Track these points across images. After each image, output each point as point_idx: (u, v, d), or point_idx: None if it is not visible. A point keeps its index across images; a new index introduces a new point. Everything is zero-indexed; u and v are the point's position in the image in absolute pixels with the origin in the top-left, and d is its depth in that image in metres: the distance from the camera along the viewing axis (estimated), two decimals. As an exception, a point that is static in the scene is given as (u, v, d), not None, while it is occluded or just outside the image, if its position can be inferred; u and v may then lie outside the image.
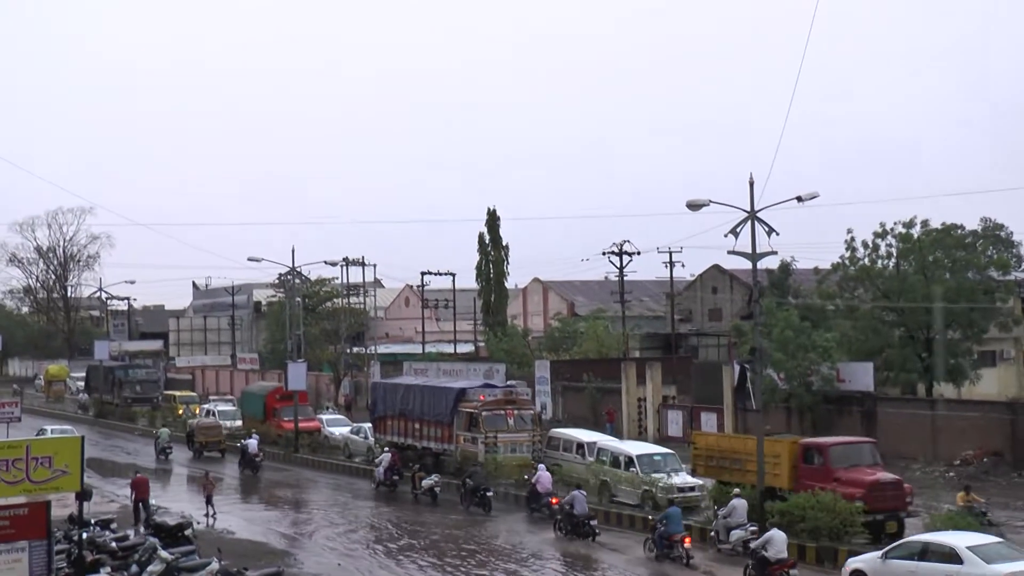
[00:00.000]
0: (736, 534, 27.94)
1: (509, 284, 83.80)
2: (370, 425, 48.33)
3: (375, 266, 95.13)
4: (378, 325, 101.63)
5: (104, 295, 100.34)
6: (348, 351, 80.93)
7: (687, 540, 27.24)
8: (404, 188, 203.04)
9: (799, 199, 30.51)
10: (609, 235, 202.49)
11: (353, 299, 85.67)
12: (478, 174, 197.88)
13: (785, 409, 47.59)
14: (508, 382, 51.34)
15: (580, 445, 38.87)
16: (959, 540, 22.03)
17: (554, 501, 32.74)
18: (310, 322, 76.51)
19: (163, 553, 24.09)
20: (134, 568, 24.47)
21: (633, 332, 76.80)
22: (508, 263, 79.49)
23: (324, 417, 55.24)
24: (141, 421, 67.64)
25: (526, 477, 36.50)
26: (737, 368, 49.01)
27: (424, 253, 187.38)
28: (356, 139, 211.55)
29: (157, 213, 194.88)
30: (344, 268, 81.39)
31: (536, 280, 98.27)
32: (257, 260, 55.75)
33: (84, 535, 24.14)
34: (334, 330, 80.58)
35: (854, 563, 23.45)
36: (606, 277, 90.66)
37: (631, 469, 34.37)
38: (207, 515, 34.43)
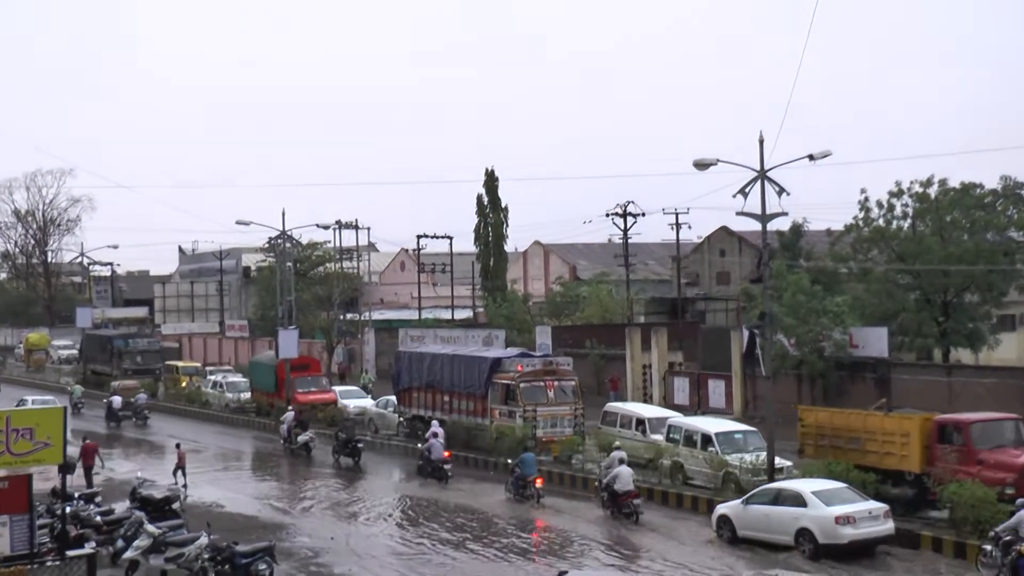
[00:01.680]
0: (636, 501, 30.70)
1: (509, 247, 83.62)
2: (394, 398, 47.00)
3: (369, 229, 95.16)
4: (372, 290, 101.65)
5: (86, 260, 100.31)
6: (341, 317, 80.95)
7: (539, 480, 32.81)
8: (400, 149, 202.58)
9: (811, 157, 30.45)
10: (613, 196, 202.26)
11: (346, 263, 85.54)
12: (476, 133, 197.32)
13: (796, 376, 47.67)
14: (543, 352, 48.84)
15: (640, 421, 37.51)
16: (806, 486, 26.47)
17: (447, 455, 36.91)
18: (301, 287, 76.35)
19: (150, 527, 24.19)
20: (120, 543, 24.59)
21: (638, 297, 76.82)
22: (507, 225, 79.37)
23: (338, 389, 54.02)
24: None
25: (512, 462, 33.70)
26: (746, 334, 49.15)
27: (420, 216, 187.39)
28: (348, 96, 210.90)
29: (141, 176, 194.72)
30: (337, 231, 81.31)
31: (537, 243, 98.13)
32: (246, 223, 55.03)
33: (67, 509, 24.21)
34: (327, 296, 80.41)
35: (721, 509, 27.81)
36: (610, 240, 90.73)
37: (709, 448, 32.26)
38: (176, 485, 34.90)
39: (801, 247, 65.92)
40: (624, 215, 71.19)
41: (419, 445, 39.58)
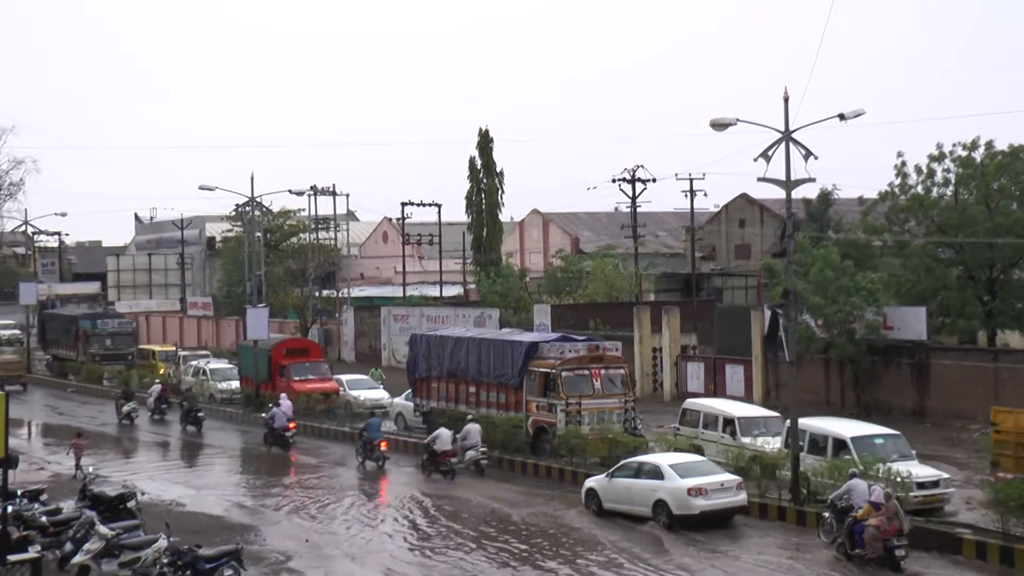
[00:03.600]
0: (470, 454, 36.66)
1: (504, 216, 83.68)
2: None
3: (348, 196, 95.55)
4: (351, 264, 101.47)
5: (30, 229, 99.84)
6: (317, 294, 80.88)
7: (383, 444, 38.09)
8: (383, 105, 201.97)
9: (841, 117, 30.28)
10: (620, 160, 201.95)
11: (322, 234, 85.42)
12: (469, 90, 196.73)
13: (823, 361, 47.69)
14: (590, 337, 44.55)
15: (729, 420, 35.12)
16: (664, 459, 30.10)
17: (292, 426, 42.54)
18: (272, 261, 76.32)
19: (102, 529, 24.12)
20: (68, 546, 24.52)
21: (647, 272, 76.83)
22: (503, 192, 79.35)
23: (344, 378, 52.42)
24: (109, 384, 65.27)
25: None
26: (768, 314, 49.17)
27: (405, 181, 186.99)
28: (325, 45, 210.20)
29: (92, 135, 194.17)
30: (312, 198, 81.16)
31: (535, 212, 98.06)
32: (210, 188, 54.84)
33: (8, 508, 24.12)
34: (300, 270, 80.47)
35: (589, 482, 31.05)
36: (616, 208, 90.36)
37: (844, 457, 29.54)
38: (75, 476, 35.86)
39: (830, 217, 65.94)
40: (632, 181, 70.97)
41: (263, 415, 44.41)
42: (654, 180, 71.80)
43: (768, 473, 30.62)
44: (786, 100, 30.44)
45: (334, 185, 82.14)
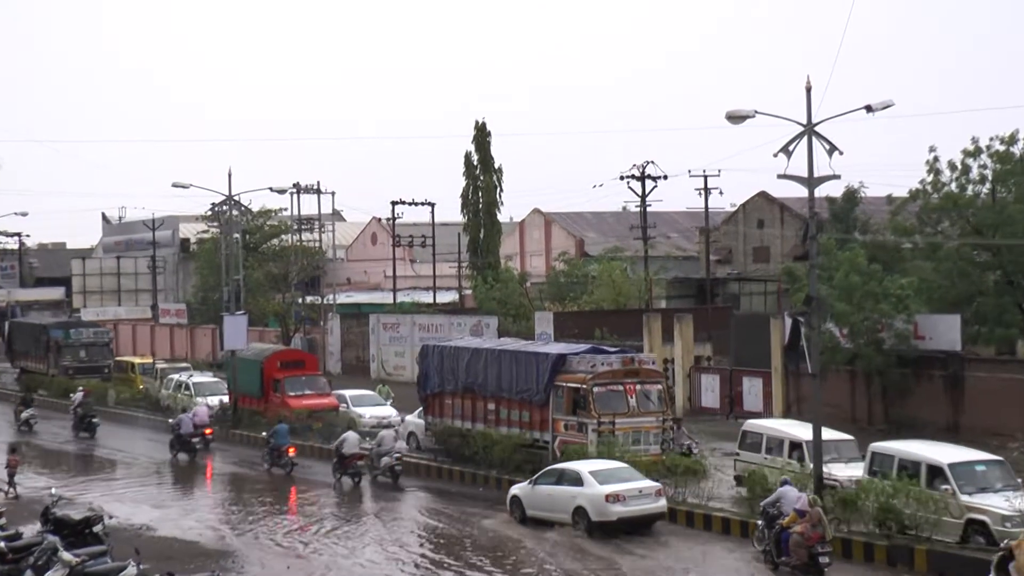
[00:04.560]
0: (385, 460, 39.49)
1: (503, 216, 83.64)
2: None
3: (333, 194, 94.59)
4: (337, 268, 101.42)
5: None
6: (300, 301, 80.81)
7: (291, 450, 41.90)
8: (372, 97, 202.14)
9: (869, 108, 30.31)
10: (629, 155, 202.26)
11: (306, 235, 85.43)
12: (466, 80, 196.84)
13: (848, 374, 47.63)
14: (619, 348, 43.88)
15: (796, 444, 33.84)
16: (584, 466, 32.31)
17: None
18: (252, 264, 76.30)
19: (65, 555, 24.09)
20: (28, 574, 24.48)
21: (658, 276, 76.84)
22: (501, 190, 79.32)
23: (348, 394, 51.73)
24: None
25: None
26: (789, 322, 49.09)
27: (396, 178, 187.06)
28: (309, 33, 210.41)
29: (57, 129, 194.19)
30: (295, 196, 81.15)
31: (536, 211, 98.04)
32: (184, 186, 54.81)
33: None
34: (282, 274, 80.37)
35: (513, 490, 33.65)
36: (624, 207, 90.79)
37: (941, 487, 28.34)
38: (6, 493, 36.82)
39: (856, 217, 65.98)
40: (642, 178, 71.08)
41: (169, 420, 47.86)
42: (665, 177, 71.98)
43: (849, 507, 29.37)
44: (808, 90, 30.48)
45: (319, 183, 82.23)
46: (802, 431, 34.70)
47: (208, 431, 46.96)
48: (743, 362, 53.18)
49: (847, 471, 32.01)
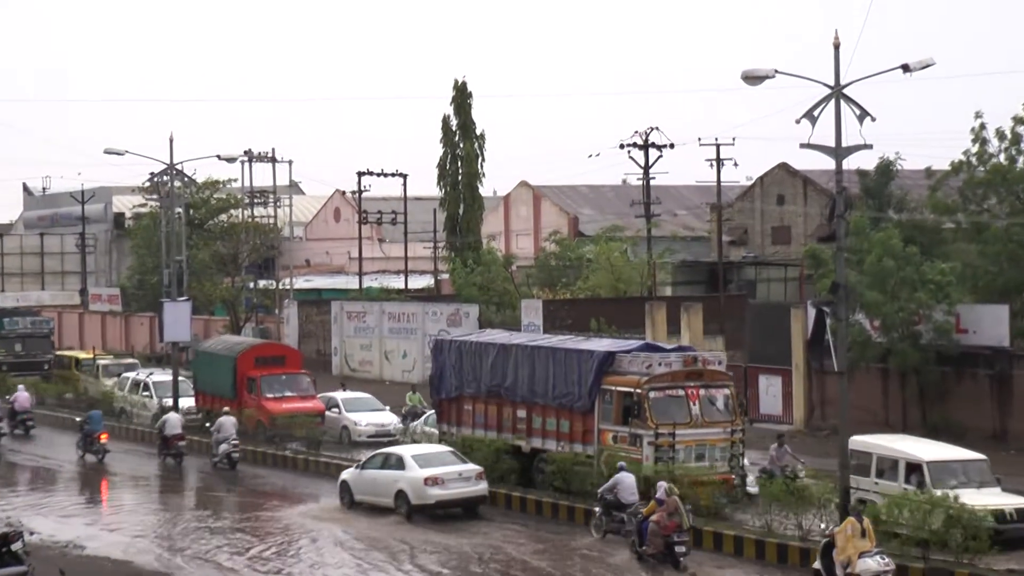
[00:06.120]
0: (223, 447, 44.50)
1: (486, 190, 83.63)
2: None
3: (291, 163, 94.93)
4: (295, 248, 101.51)
5: None
6: (251, 285, 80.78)
7: (104, 436, 47.05)
8: (334, 53, 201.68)
9: (905, 68, 30.37)
10: (630, 120, 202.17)
11: (259, 210, 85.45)
12: (443, 33, 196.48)
13: (880, 372, 47.77)
14: (679, 345, 43.38)
15: (914, 466, 32.04)
16: (407, 450, 37.81)
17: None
18: (196, 243, 76.16)
19: (-20, 577, 24.14)
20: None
21: (663, 260, 76.84)
22: (484, 160, 79.21)
23: (339, 397, 51.02)
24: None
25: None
26: (812, 312, 49.03)
27: (363, 145, 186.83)
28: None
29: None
30: (246, 166, 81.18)
31: (524, 184, 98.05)
32: (119, 153, 54.60)
33: None
34: (231, 255, 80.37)
35: (344, 475, 38.52)
36: (624, 180, 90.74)
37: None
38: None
39: (891, 193, 65.99)
40: (645, 146, 71.06)
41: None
42: (672, 146, 71.94)
43: (981, 541, 28.23)
44: (836, 47, 30.50)
45: (273, 150, 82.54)
46: (922, 449, 33.32)
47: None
48: (759, 358, 53.32)
49: (980, 498, 30.23)
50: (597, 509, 32.80)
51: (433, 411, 44.35)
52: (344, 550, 32.74)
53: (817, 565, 27.90)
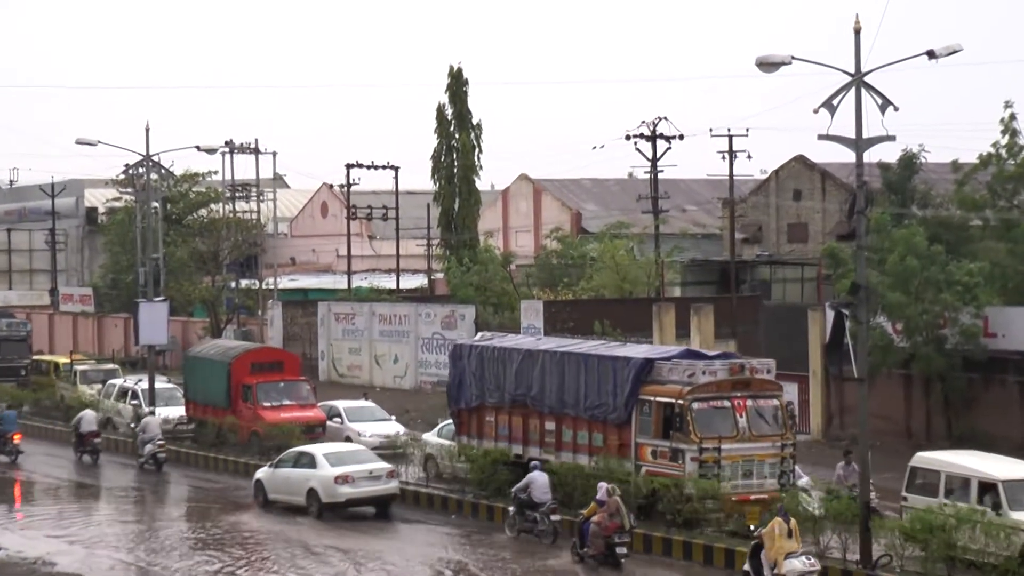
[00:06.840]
0: (148, 448, 46.87)
1: (483, 184, 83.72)
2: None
3: (275, 155, 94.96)
4: (279, 245, 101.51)
5: None
6: (233, 285, 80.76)
7: (17, 436, 49.68)
8: (321, 38, 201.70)
9: (931, 55, 30.39)
10: (637, 110, 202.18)
11: (241, 205, 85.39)
12: (438, 16, 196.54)
13: (903, 378, 47.78)
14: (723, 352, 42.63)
15: (988, 486, 31.07)
16: (319, 448, 40.30)
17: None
18: (174, 240, 76.20)
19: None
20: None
21: (671, 258, 76.89)
22: (481, 152, 79.36)
23: (342, 406, 50.80)
24: None
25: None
26: (831, 315, 49.14)
27: (352, 136, 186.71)
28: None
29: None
30: (227, 157, 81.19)
31: (524, 178, 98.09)
32: (91, 143, 54.75)
33: None
34: (211, 253, 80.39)
35: (258, 474, 41.13)
36: (631, 174, 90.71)
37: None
38: None
39: (915, 188, 65.93)
40: (653, 137, 71.01)
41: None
42: (681, 137, 71.90)
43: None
44: (857, 32, 30.51)
45: (256, 140, 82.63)
46: (996, 467, 32.50)
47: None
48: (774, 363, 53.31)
49: None
50: (510, 508, 35.48)
51: (449, 421, 43.65)
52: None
53: (747, 567, 29.84)
